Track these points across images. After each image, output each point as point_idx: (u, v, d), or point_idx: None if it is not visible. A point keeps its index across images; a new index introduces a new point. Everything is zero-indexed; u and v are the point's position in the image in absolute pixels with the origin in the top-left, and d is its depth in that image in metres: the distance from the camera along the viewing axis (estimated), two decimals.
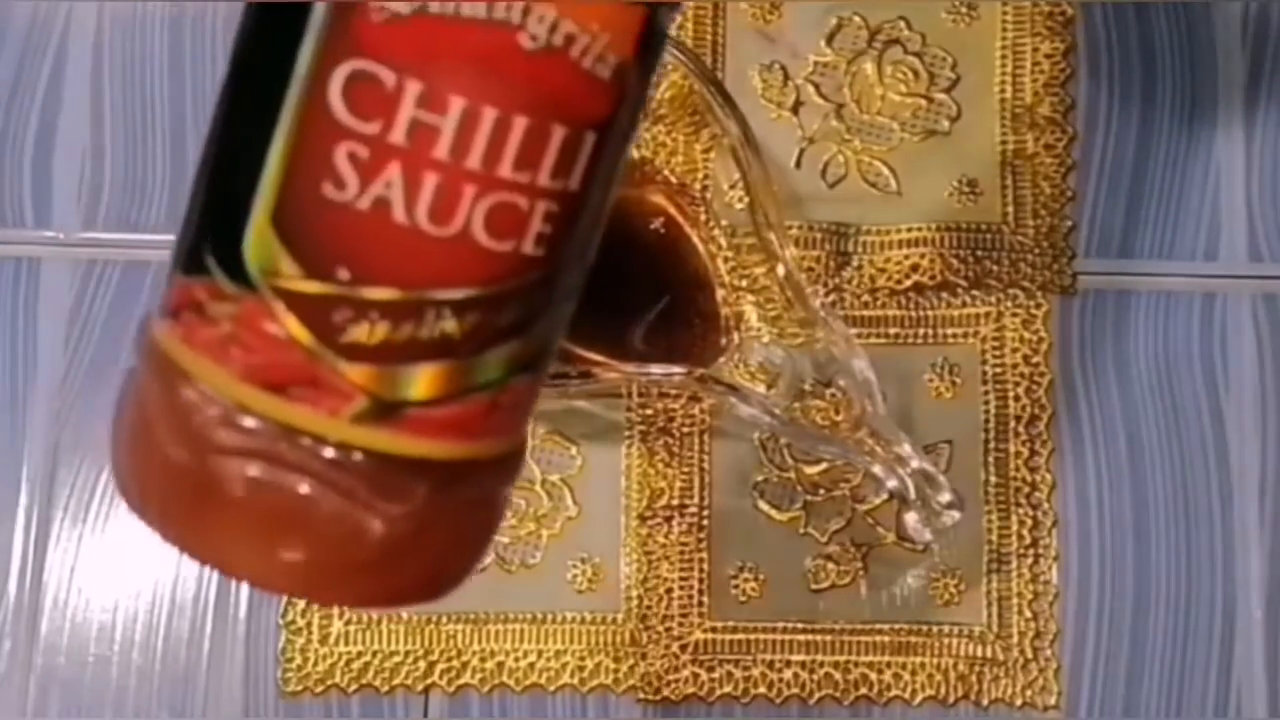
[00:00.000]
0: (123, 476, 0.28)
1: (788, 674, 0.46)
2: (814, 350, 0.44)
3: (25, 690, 0.46)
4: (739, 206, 0.46)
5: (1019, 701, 0.46)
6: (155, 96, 0.49)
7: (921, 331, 0.48)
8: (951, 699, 0.46)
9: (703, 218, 0.46)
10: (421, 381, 0.26)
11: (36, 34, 0.49)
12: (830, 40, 0.49)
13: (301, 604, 0.46)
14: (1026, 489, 0.47)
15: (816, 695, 0.46)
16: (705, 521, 0.47)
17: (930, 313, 0.48)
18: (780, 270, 0.43)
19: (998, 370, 0.47)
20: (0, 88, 0.49)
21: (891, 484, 0.44)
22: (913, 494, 0.43)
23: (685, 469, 0.47)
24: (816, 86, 0.49)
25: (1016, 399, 0.47)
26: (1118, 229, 0.48)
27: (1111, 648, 0.46)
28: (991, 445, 0.47)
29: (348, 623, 0.46)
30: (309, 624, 0.46)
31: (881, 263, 0.48)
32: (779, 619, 0.46)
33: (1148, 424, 0.47)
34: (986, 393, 0.47)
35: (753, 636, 0.46)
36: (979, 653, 0.46)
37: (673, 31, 0.38)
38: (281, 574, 0.26)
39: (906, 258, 0.48)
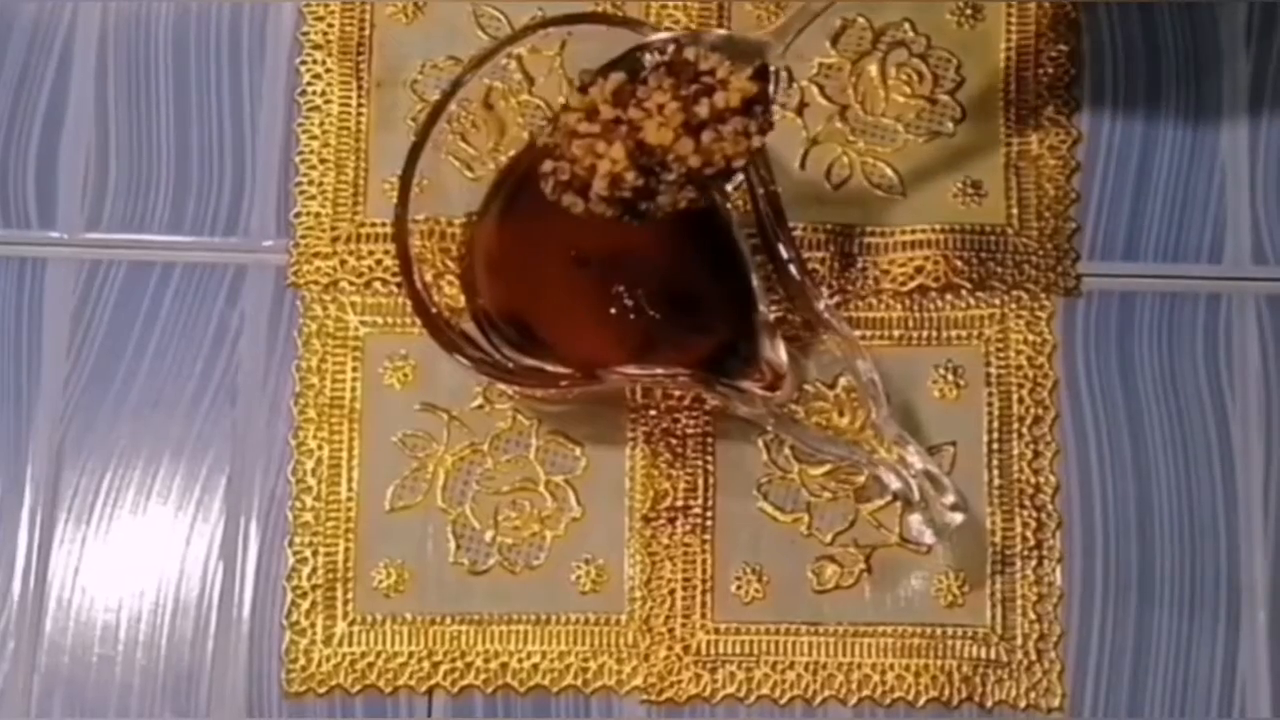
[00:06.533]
0: None
1: (791, 675, 0.46)
2: (818, 351, 0.44)
3: (29, 690, 0.46)
4: (743, 208, 0.46)
5: (1023, 703, 0.46)
6: (160, 96, 0.49)
7: (925, 333, 0.48)
8: (955, 701, 0.46)
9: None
10: None
11: (41, 33, 0.49)
12: (835, 42, 0.49)
13: (305, 605, 0.46)
14: (1030, 490, 0.47)
15: (820, 697, 0.46)
16: (709, 523, 0.47)
17: (934, 314, 0.48)
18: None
19: (1002, 372, 0.47)
20: (5, 88, 0.49)
21: (895, 485, 0.44)
22: (916, 495, 0.43)
23: (689, 470, 0.47)
24: (821, 88, 0.49)
25: (1020, 400, 0.47)
26: (1122, 231, 0.48)
27: (1115, 649, 0.46)
28: (995, 446, 0.47)
29: (351, 623, 0.46)
30: (312, 625, 0.46)
31: (885, 264, 0.48)
32: (782, 620, 0.46)
33: (1152, 425, 0.47)
34: (990, 394, 0.47)
35: (756, 638, 0.46)
36: (983, 654, 0.46)
37: None
38: None
39: (911, 259, 0.48)
